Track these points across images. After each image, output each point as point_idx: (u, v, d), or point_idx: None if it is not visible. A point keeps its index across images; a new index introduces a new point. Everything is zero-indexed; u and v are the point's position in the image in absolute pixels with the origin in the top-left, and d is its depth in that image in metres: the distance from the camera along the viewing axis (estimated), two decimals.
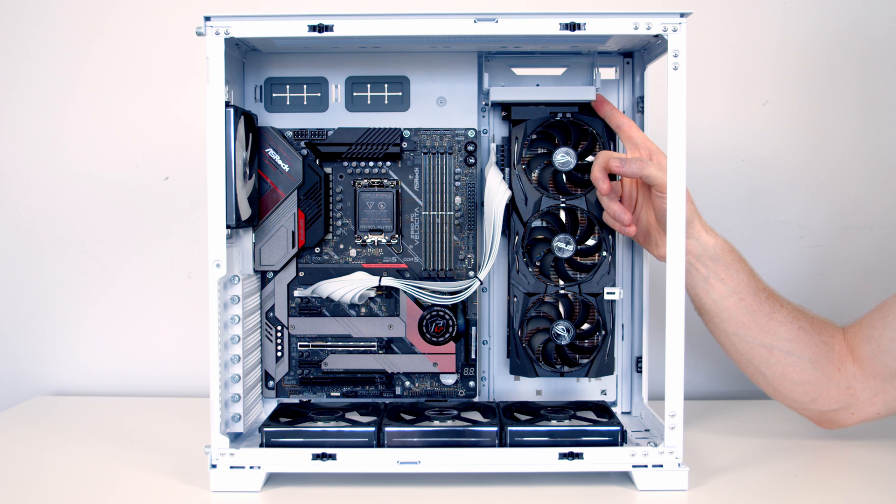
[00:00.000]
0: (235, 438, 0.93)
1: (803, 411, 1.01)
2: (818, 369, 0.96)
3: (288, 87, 1.02)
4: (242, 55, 1.01)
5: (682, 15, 0.85)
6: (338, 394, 1.04)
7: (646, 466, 0.88)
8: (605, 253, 0.99)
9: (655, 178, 0.91)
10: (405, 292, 1.00)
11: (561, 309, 1.00)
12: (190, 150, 1.29)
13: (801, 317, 0.97)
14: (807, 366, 0.96)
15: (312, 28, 0.86)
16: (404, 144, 1.02)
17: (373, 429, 0.90)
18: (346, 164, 1.02)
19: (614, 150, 1.00)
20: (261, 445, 0.90)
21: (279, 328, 1.03)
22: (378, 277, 0.99)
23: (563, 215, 0.99)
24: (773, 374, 0.97)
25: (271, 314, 1.03)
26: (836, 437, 1.03)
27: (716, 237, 0.95)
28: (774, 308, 0.96)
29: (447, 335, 1.00)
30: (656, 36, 0.86)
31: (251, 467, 0.88)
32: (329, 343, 1.03)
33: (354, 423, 0.92)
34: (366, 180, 1.02)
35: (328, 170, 1.02)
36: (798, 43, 1.27)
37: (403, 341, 1.03)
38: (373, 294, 1.01)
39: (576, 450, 0.88)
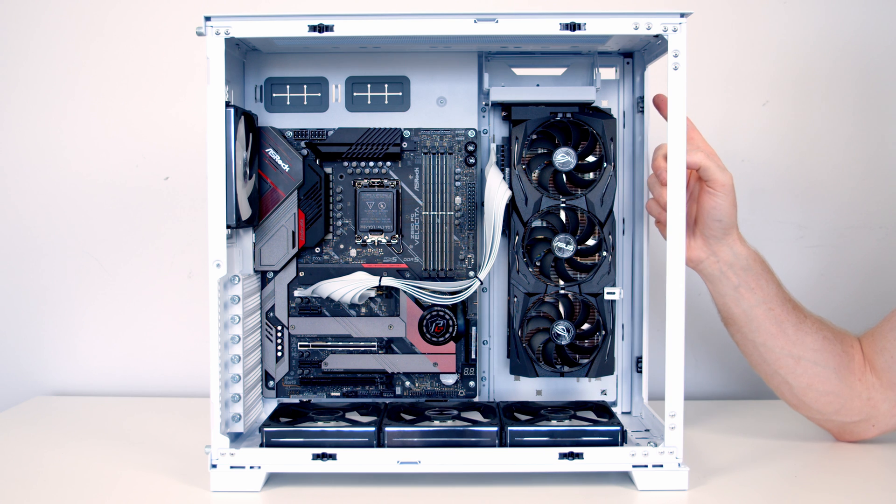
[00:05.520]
0: (235, 438, 0.93)
1: (825, 422, 1.01)
2: (842, 379, 0.96)
3: (288, 87, 1.02)
4: (242, 55, 1.01)
5: (682, 15, 0.85)
6: (338, 394, 1.04)
7: (646, 466, 0.88)
8: (605, 253, 0.99)
9: (713, 171, 0.91)
10: (405, 292, 1.00)
11: (561, 309, 1.00)
12: (190, 150, 1.29)
13: (824, 327, 0.98)
14: (832, 376, 0.96)
15: (312, 28, 0.86)
16: (404, 144, 1.02)
17: (373, 429, 0.90)
18: (346, 164, 1.02)
19: (613, 150, 1.00)
20: (261, 445, 0.90)
21: (279, 328, 1.03)
22: (378, 277, 0.99)
23: (563, 215, 0.99)
24: (799, 385, 0.97)
25: (271, 314, 1.03)
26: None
27: (748, 247, 0.96)
28: (800, 318, 0.97)
29: (447, 335, 1.00)
30: (656, 36, 0.86)
31: (251, 467, 0.88)
32: (329, 343, 1.03)
33: (354, 423, 0.92)
34: (366, 180, 1.02)
35: (328, 170, 1.02)
36: (798, 42, 1.27)
37: (403, 341, 1.03)
38: (373, 294, 1.01)
39: (576, 450, 0.88)
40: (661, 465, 0.88)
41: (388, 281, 0.99)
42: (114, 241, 1.31)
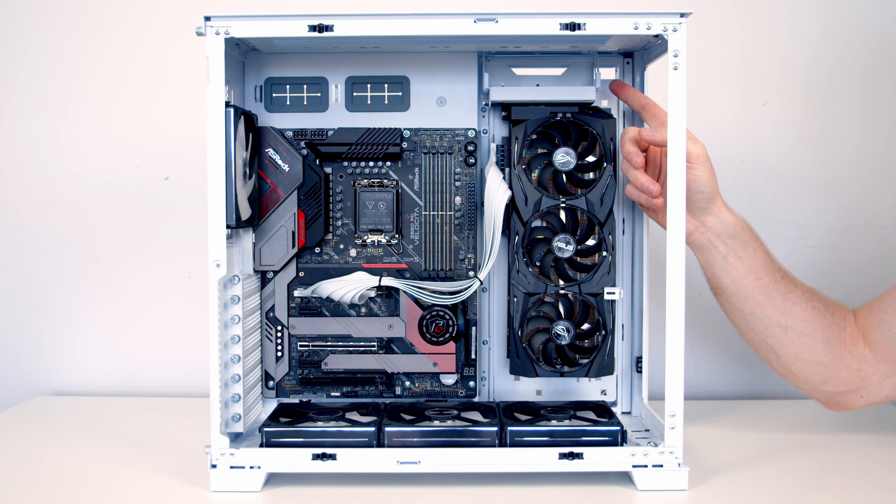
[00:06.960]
0: (235, 438, 0.93)
1: (813, 392, 1.01)
2: (830, 350, 0.96)
3: (288, 87, 1.02)
4: (242, 55, 1.01)
5: (682, 15, 0.85)
6: (338, 394, 1.04)
7: (646, 466, 0.88)
8: (605, 253, 0.99)
9: (687, 146, 0.91)
10: (405, 292, 1.00)
11: (561, 309, 1.00)
12: (190, 150, 1.29)
13: (814, 298, 0.98)
14: (820, 346, 0.96)
15: (312, 28, 0.86)
16: (404, 144, 1.02)
17: (373, 429, 0.90)
18: (346, 164, 1.02)
19: (613, 150, 1.00)
20: (261, 445, 0.90)
21: (279, 328, 1.03)
22: (378, 277, 0.99)
23: (563, 215, 0.99)
24: (787, 355, 0.98)
25: (271, 314, 1.03)
26: (836, 435, 1.04)
27: (734, 214, 0.96)
28: (789, 288, 0.97)
29: (447, 335, 1.00)
30: (656, 36, 0.86)
31: (251, 467, 0.88)
32: (329, 343, 1.03)
33: (354, 423, 0.92)
34: (366, 180, 1.02)
35: (328, 170, 1.02)
36: (799, 42, 1.27)
37: (403, 341, 1.03)
38: (373, 294, 1.01)
39: (576, 450, 0.88)
40: (661, 465, 0.88)
41: (387, 281, 0.98)
42: (114, 241, 1.31)
